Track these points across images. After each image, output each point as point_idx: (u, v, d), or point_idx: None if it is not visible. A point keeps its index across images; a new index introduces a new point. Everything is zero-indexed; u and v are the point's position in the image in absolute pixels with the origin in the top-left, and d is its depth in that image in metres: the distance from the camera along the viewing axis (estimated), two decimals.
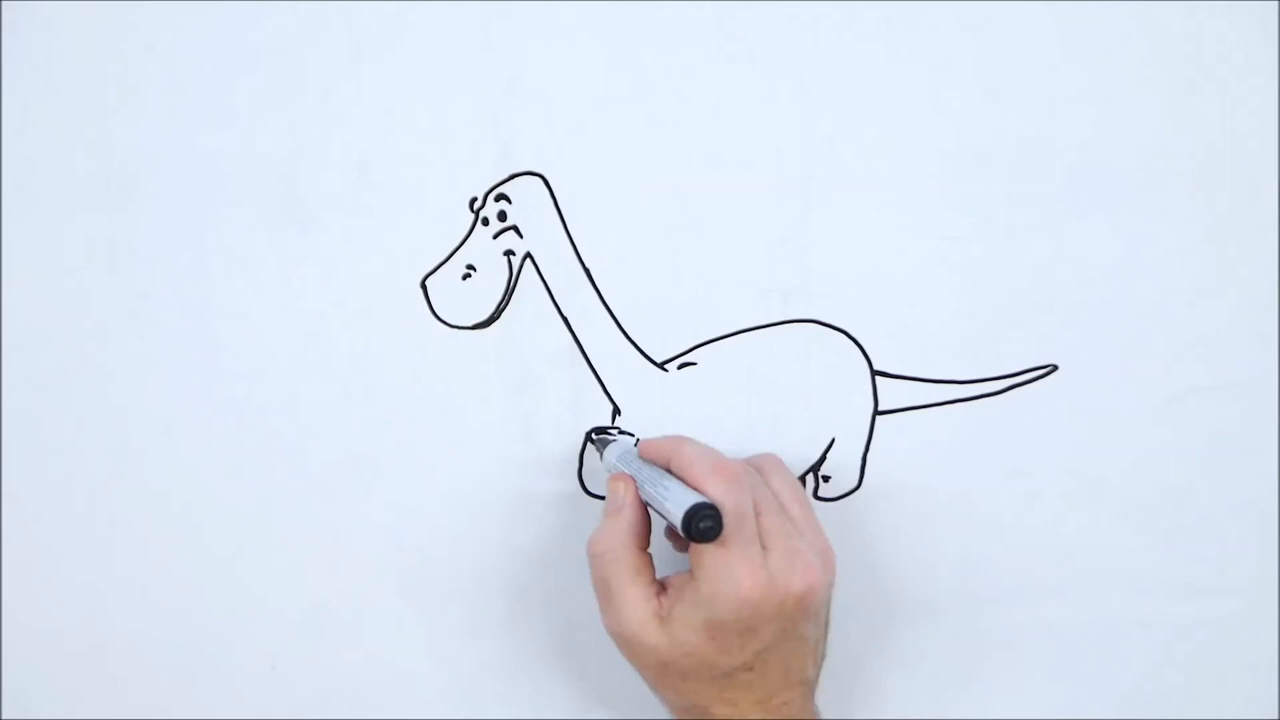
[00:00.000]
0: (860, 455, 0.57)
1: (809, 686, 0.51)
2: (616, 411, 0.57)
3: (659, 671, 0.49)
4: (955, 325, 0.56)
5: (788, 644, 0.49)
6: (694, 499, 0.47)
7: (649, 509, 0.51)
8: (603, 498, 0.57)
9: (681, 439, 0.51)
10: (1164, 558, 0.57)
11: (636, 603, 0.49)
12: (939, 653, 0.59)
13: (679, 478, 0.49)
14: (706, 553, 0.47)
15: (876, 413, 0.57)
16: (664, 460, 0.51)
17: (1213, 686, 0.58)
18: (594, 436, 0.57)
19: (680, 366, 0.56)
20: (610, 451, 0.54)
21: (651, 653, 0.49)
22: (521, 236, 0.55)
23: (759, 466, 0.53)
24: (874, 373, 0.56)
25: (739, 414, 0.57)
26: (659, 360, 0.56)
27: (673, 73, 0.54)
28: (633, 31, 0.53)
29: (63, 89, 0.54)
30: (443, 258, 0.55)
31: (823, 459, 0.57)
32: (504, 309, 0.56)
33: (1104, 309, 0.55)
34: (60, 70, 0.54)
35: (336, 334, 0.56)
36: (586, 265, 0.55)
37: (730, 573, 0.47)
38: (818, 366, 0.56)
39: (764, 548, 0.48)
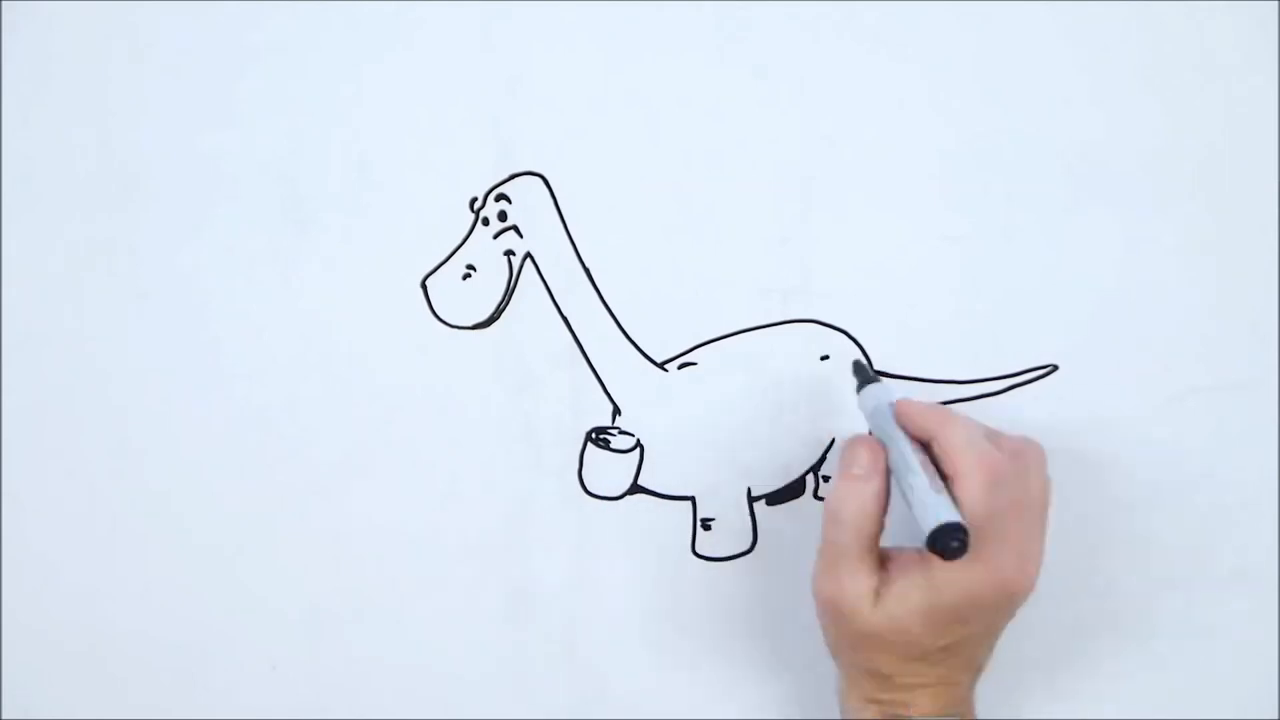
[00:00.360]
0: None
1: (978, 674, 0.52)
2: (616, 411, 0.57)
3: (857, 641, 0.49)
4: (955, 325, 0.56)
5: (986, 635, 0.50)
6: (943, 515, 0.45)
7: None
8: (603, 498, 0.57)
9: (948, 414, 0.49)
10: (1164, 557, 0.57)
11: (861, 577, 0.48)
12: None
13: (936, 460, 0.48)
14: None
15: None
16: (926, 435, 0.49)
17: (1213, 686, 0.58)
18: (594, 436, 0.57)
19: (680, 366, 0.56)
20: (866, 399, 0.52)
21: (861, 625, 0.48)
22: (521, 236, 0.55)
23: (1025, 459, 0.50)
24: (874, 372, 0.56)
25: (739, 414, 0.57)
26: (659, 360, 0.56)
27: (673, 73, 0.54)
28: (633, 31, 0.53)
29: (63, 89, 0.54)
30: (443, 258, 0.55)
31: (823, 459, 0.57)
32: (504, 309, 0.56)
33: (1104, 309, 0.55)
34: (60, 70, 0.54)
35: (336, 334, 0.56)
36: (586, 265, 0.55)
37: (968, 568, 0.46)
38: (818, 366, 0.56)
39: (1001, 539, 0.47)
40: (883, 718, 0.50)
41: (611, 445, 0.57)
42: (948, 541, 0.45)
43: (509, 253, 0.55)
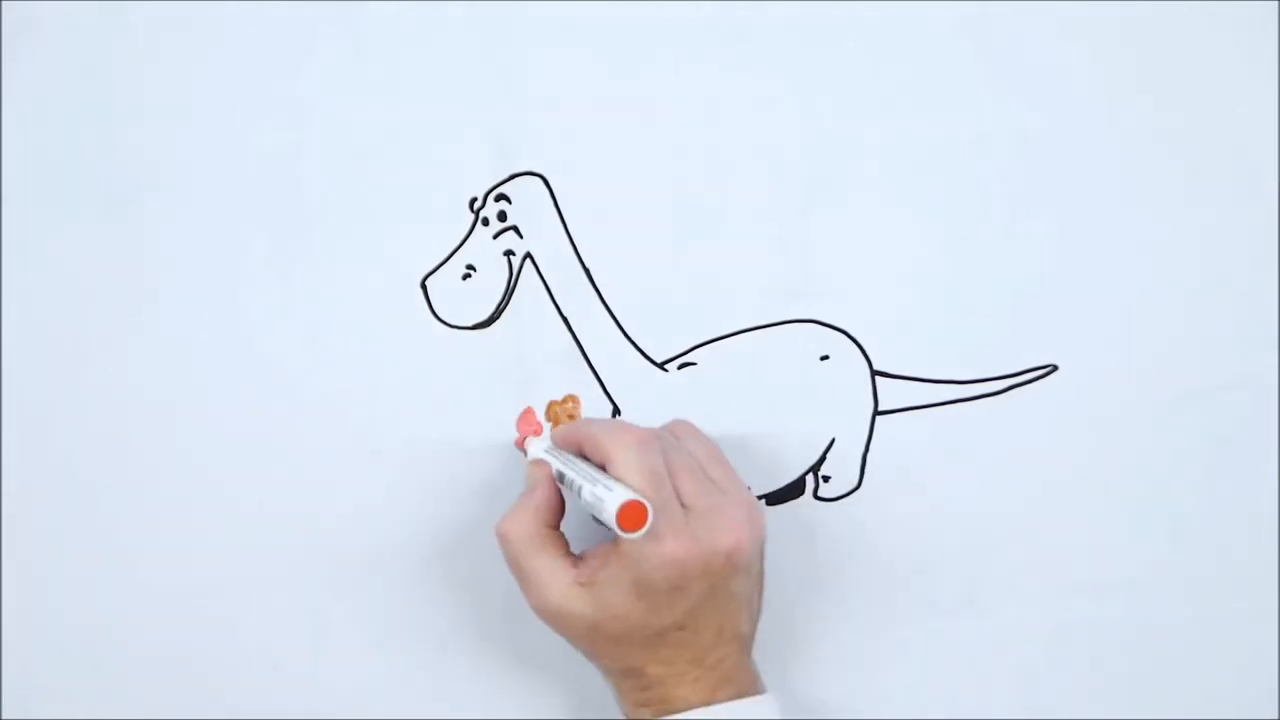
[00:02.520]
0: (860, 455, 0.57)
1: (744, 642, 0.51)
2: (616, 411, 0.57)
3: (590, 638, 0.50)
4: (955, 325, 0.56)
5: (718, 601, 0.49)
6: (619, 496, 0.46)
7: (563, 492, 0.51)
8: None
9: (585, 420, 0.52)
10: (1164, 557, 0.57)
11: (554, 573, 0.49)
12: (939, 653, 0.59)
13: (589, 453, 0.50)
14: None
15: (876, 413, 0.57)
16: (574, 443, 0.51)
17: (1213, 686, 0.58)
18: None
19: (680, 366, 0.56)
20: (532, 445, 0.54)
21: (579, 619, 0.49)
22: (521, 236, 0.55)
23: (673, 431, 0.53)
24: (874, 373, 0.56)
25: (739, 414, 0.57)
26: (659, 360, 0.56)
27: (673, 73, 0.54)
28: (633, 31, 0.53)
29: (63, 89, 0.54)
30: (443, 258, 0.55)
31: (823, 459, 0.57)
32: (504, 309, 0.56)
33: (1104, 309, 0.55)
34: (61, 71, 0.54)
35: (336, 334, 0.56)
36: (586, 265, 0.55)
37: (653, 534, 0.46)
38: (817, 366, 0.56)
39: (685, 507, 0.48)
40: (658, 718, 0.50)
41: None
42: (630, 518, 0.45)
43: (509, 253, 0.55)
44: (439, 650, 0.58)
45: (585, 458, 0.51)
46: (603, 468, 0.49)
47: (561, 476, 0.51)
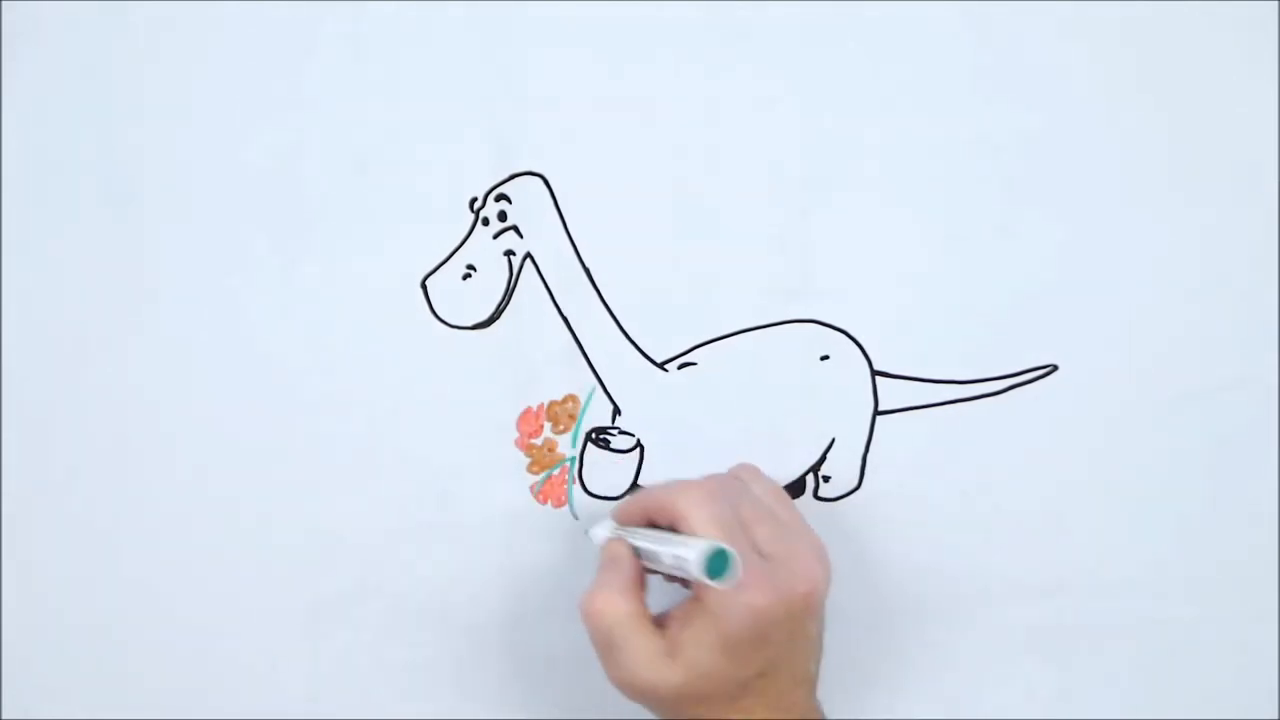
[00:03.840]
0: (860, 455, 0.57)
1: (812, 684, 0.52)
2: (616, 411, 0.57)
3: (676, 702, 0.49)
4: (955, 325, 0.56)
5: (795, 646, 0.49)
6: (701, 547, 0.45)
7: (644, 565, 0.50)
8: (603, 498, 0.57)
9: (644, 489, 0.52)
10: (1164, 557, 0.57)
11: (644, 648, 0.48)
12: (939, 653, 0.59)
13: (657, 518, 0.50)
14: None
15: (876, 413, 0.57)
16: (640, 514, 0.51)
17: (1213, 686, 0.58)
18: (594, 436, 0.57)
19: (680, 366, 0.56)
20: (595, 533, 0.53)
21: (668, 689, 0.48)
22: (521, 236, 0.55)
23: (739, 476, 0.53)
24: (874, 373, 0.56)
25: (739, 414, 0.57)
26: (659, 360, 0.56)
27: (673, 73, 0.54)
28: (633, 31, 0.53)
29: (64, 89, 0.54)
30: (443, 258, 0.55)
31: (823, 459, 0.57)
32: (504, 309, 0.56)
33: (1104, 309, 0.55)
34: (61, 71, 0.54)
35: (336, 334, 0.56)
36: (586, 265, 0.55)
37: (738, 589, 0.46)
38: (818, 366, 0.56)
39: (762, 555, 0.48)
40: None
41: (611, 445, 0.57)
42: (718, 566, 0.45)
43: (509, 253, 0.55)
44: (439, 650, 0.58)
45: (653, 524, 0.50)
46: (673, 528, 0.49)
47: (636, 551, 0.50)
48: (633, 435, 0.57)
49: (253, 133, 0.54)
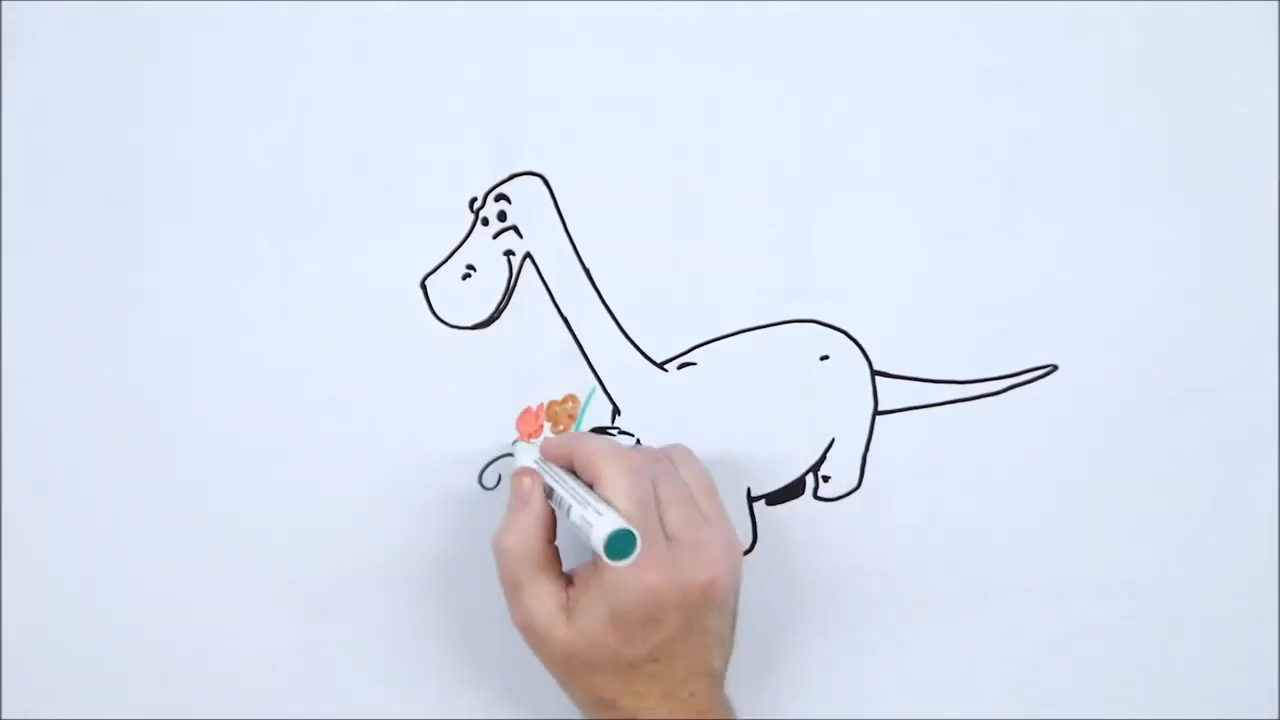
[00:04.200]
0: (860, 455, 0.57)
1: (716, 678, 0.51)
2: (616, 411, 0.57)
3: (565, 664, 0.50)
4: (955, 325, 0.56)
5: (692, 635, 0.49)
6: (611, 525, 0.45)
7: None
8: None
9: (580, 434, 0.52)
10: (1164, 557, 0.57)
11: (544, 596, 0.49)
12: (939, 652, 0.59)
13: (579, 469, 0.50)
14: None
15: (876, 413, 0.57)
16: (565, 457, 0.51)
17: (1213, 686, 0.58)
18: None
19: (680, 366, 0.56)
20: (519, 452, 0.54)
21: (558, 645, 0.49)
22: (521, 236, 0.55)
23: (669, 456, 0.53)
24: (874, 373, 0.56)
25: (739, 414, 0.57)
26: (659, 360, 0.56)
27: (673, 73, 0.54)
28: (633, 31, 0.53)
29: (63, 89, 0.54)
30: (443, 258, 0.55)
31: (823, 459, 0.57)
32: (504, 309, 0.56)
33: (1104, 309, 0.55)
34: (61, 70, 0.54)
35: (336, 334, 0.56)
36: (586, 265, 0.55)
37: (636, 565, 0.46)
38: (818, 366, 0.56)
39: (669, 538, 0.48)
40: None
41: None
42: (619, 547, 0.45)
43: (509, 253, 0.55)
44: (439, 651, 0.58)
45: (574, 472, 0.50)
46: (590, 485, 0.49)
47: (549, 491, 0.51)
48: (633, 435, 0.57)
49: (252, 133, 0.54)
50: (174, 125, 0.54)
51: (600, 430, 0.57)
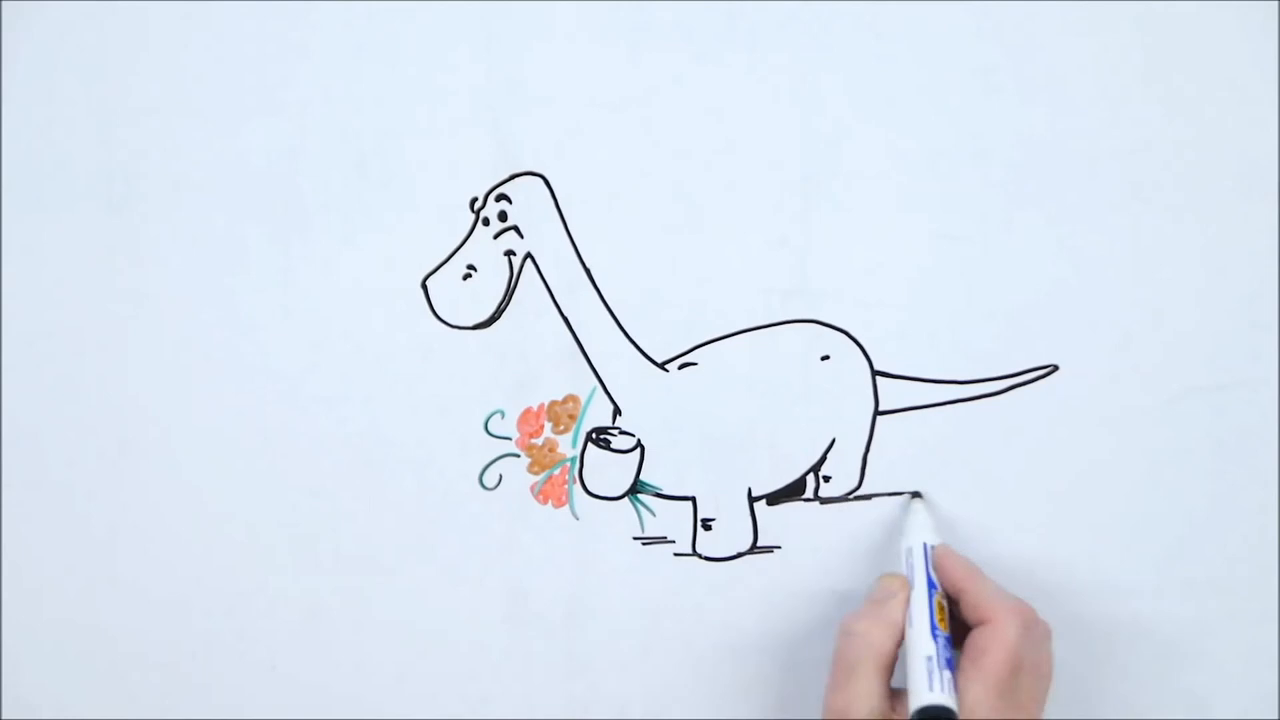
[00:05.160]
0: (860, 455, 0.57)
1: None
2: (617, 411, 0.57)
3: None
4: (955, 325, 0.56)
5: None
6: (936, 698, 0.46)
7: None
8: (603, 498, 0.57)
9: (977, 571, 0.52)
10: (1164, 558, 0.57)
11: (873, 691, 0.49)
12: None
13: (965, 607, 0.51)
14: (974, 685, 0.48)
15: (877, 413, 0.57)
16: (956, 587, 0.51)
17: (1213, 686, 0.58)
18: (594, 437, 0.57)
19: (680, 366, 0.56)
20: (914, 514, 0.55)
21: None
22: (522, 236, 0.55)
23: (1040, 621, 0.52)
24: (874, 373, 0.56)
25: (739, 414, 0.57)
26: (659, 360, 0.56)
27: (673, 73, 0.54)
28: (633, 31, 0.53)
29: (63, 89, 0.54)
30: (443, 258, 0.55)
31: (823, 459, 0.57)
32: (504, 309, 0.56)
33: (1104, 309, 0.55)
34: (61, 70, 0.54)
35: (337, 334, 0.56)
36: (586, 265, 0.55)
37: (981, 707, 0.47)
38: (818, 366, 0.56)
39: (1020, 706, 0.48)
40: None
41: (612, 445, 0.57)
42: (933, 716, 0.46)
43: (509, 253, 0.55)
44: (438, 650, 0.58)
45: (947, 595, 0.51)
46: (970, 625, 0.50)
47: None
48: (633, 435, 0.57)
49: (252, 132, 0.54)
50: (174, 125, 0.54)
51: (600, 430, 0.57)
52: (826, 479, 0.57)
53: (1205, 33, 0.53)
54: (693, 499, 0.58)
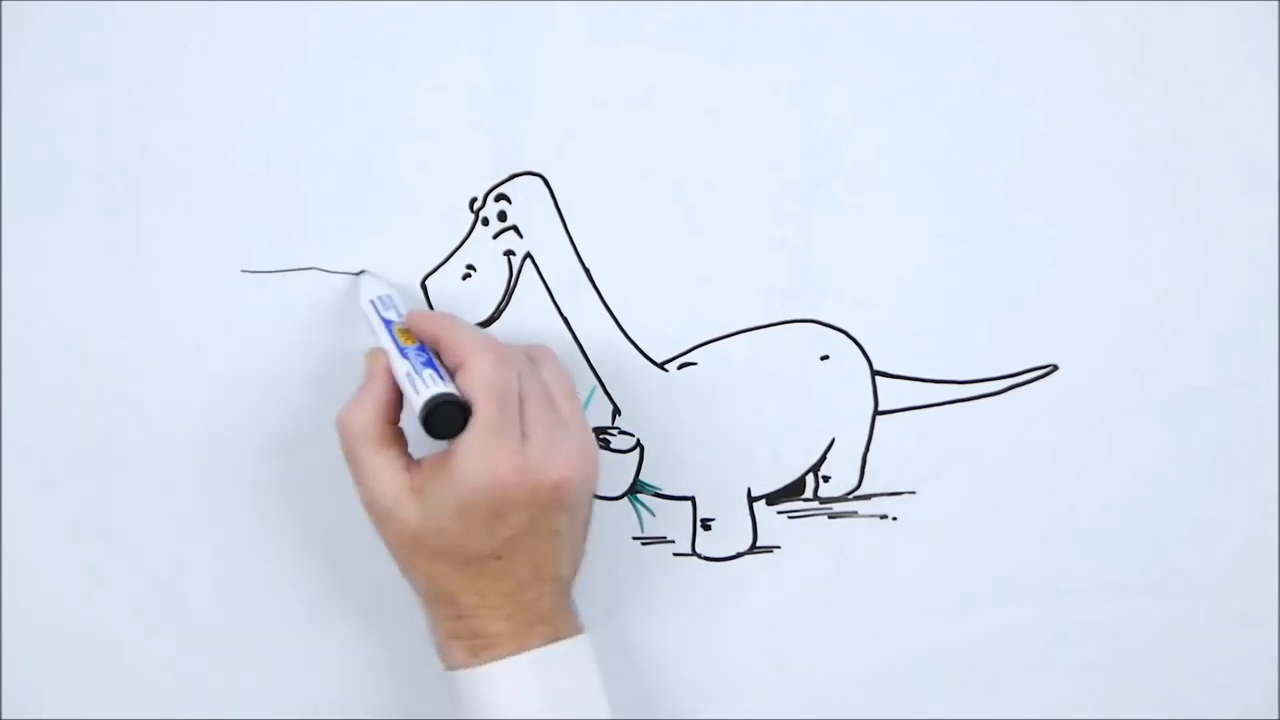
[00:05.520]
0: (860, 455, 0.57)
1: (562, 584, 0.51)
2: (616, 411, 0.57)
3: (410, 548, 0.49)
4: (955, 325, 0.56)
5: (539, 537, 0.48)
6: (433, 388, 0.45)
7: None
8: (603, 498, 0.57)
9: (450, 317, 0.51)
10: (1164, 557, 0.57)
11: (386, 474, 0.48)
12: (939, 653, 0.59)
13: (444, 352, 0.49)
14: (465, 434, 0.47)
15: (876, 413, 0.57)
16: (432, 338, 0.50)
17: (1213, 686, 0.58)
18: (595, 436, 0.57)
19: (680, 366, 0.56)
20: (365, 285, 0.54)
21: (403, 526, 0.48)
22: (521, 236, 0.55)
23: (531, 356, 0.52)
24: (874, 373, 0.56)
25: (739, 414, 0.57)
26: (659, 360, 0.56)
27: (673, 72, 0.54)
28: (633, 31, 0.53)
29: (63, 89, 0.54)
30: (443, 258, 0.55)
31: (823, 459, 0.57)
32: (504, 309, 0.56)
33: (1104, 309, 0.55)
34: (60, 70, 0.54)
35: (336, 334, 0.56)
36: (586, 265, 0.55)
37: (486, 453, 0.46)
38: (817, 366, 0.56)
39: (524, 435, 0.47)
40: (473, 659, 0.49)
41: (611, 445, 0.57)
42: (442, 417, 0.45)
43: (509, 253, 0.55)
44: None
45: (435, 351, 0.50)
46: (452, 373, 0.48)
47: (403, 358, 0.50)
48: (633, 435, 0.57)
49: (252, 132, 0.54)
50: (174, 125, 0.54)
51: (600, 430, 0.57)
52: (826, 479, 0.57)
53: (1205, 32, 0.53)
54: (692, 499, 0.58)
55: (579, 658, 0.50)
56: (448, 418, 0.46)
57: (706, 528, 0.58)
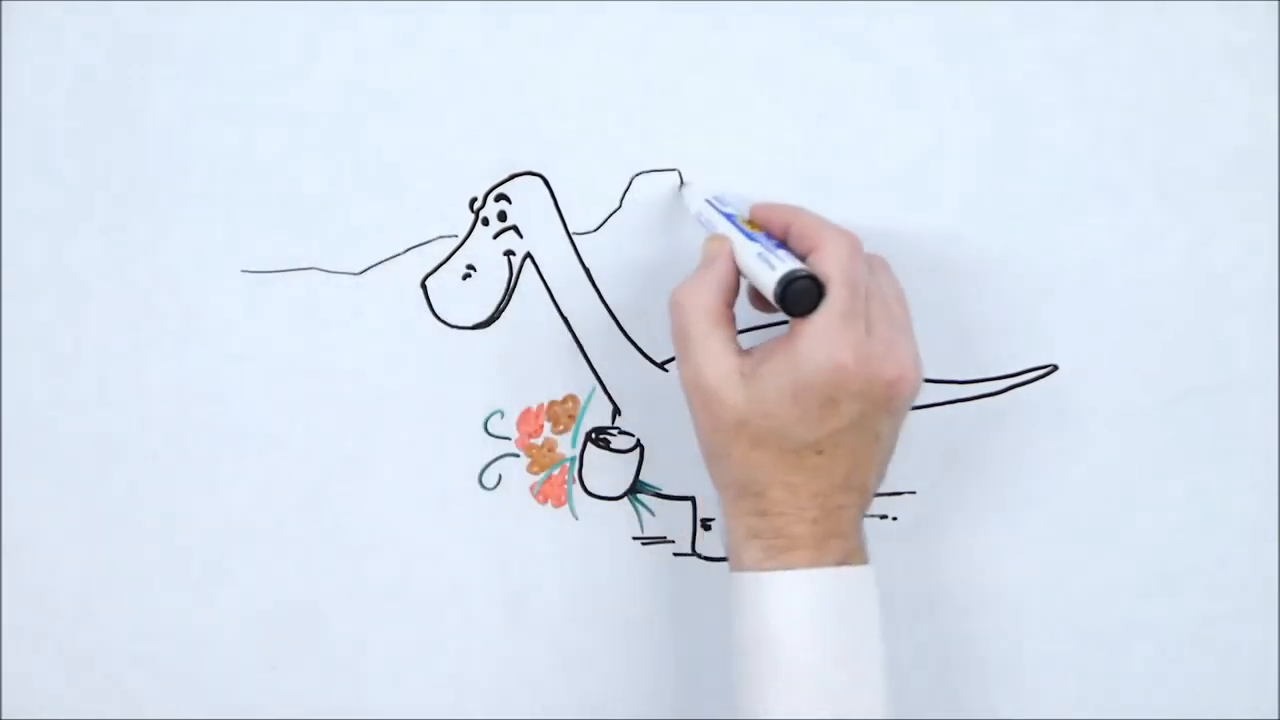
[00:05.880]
0: None
1: (866, 498, 0.49)
2: (617, 411, 0.57)
3: (730, 432, 0.47)
4: (955, 325, 0.56)
5: (862, 435, 0.47)
6: (790, 264, 0.45)
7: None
8: (603, 498, 0.57)
9: (799, 207, 0.50)
10: (1164, 557, 0.57)
11: (718, 353, 0.47)
12: (939, 653, 0.59)
13: (795, 238, 0.48)
14: (814, 315, 0.45)
15: None
16: (783, 221, 0.49)
17: (1213, 686, 0.58)
18: (594, 437, 0.57)
19: None
20: (689, 195, 0.53)
21: (728, 408, 0.47)
22: (521, 236, 0.55)
23: (876, 257, 0.51)
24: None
25: None
26: (659, 360, 0.56)
27: (672, 72, 0.54)
28: (633, 31, 0.53)
29: (63, 89, 0.54)
30: (443, 258, 0.55)
31: None
32: (504, 309, 0.56)
33: (1104, 309, 0.55)
34: (61, 70, 0.54)
35: (336, 334, 0.56)
36: (586, 265, 0.55)
37: (832, 336, 0.45)
38: None
39: (863, 320, 0.46)
40: (767, 561, 0.47)
41: (611, 445, 0.57)
42: (797, 291, 0.44)
43: (509, 253, 0.55)
44: (438, 650, 0.58)
45: (783, 243, 0.49)
46: (803, 257, 0.47)
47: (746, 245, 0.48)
48: (633, 435, 0.57)
49: (253, 133, 0.54)
50: (175, 125, 0.54)
51: (600, 430, 0.57)
52: None
53: (1205, 32, 0.53)
54: (692, 499, 0.58)
55: (868, 590, 0.49)
56: (803, 292, 0.45)
57: (706, 528, 0.58)
